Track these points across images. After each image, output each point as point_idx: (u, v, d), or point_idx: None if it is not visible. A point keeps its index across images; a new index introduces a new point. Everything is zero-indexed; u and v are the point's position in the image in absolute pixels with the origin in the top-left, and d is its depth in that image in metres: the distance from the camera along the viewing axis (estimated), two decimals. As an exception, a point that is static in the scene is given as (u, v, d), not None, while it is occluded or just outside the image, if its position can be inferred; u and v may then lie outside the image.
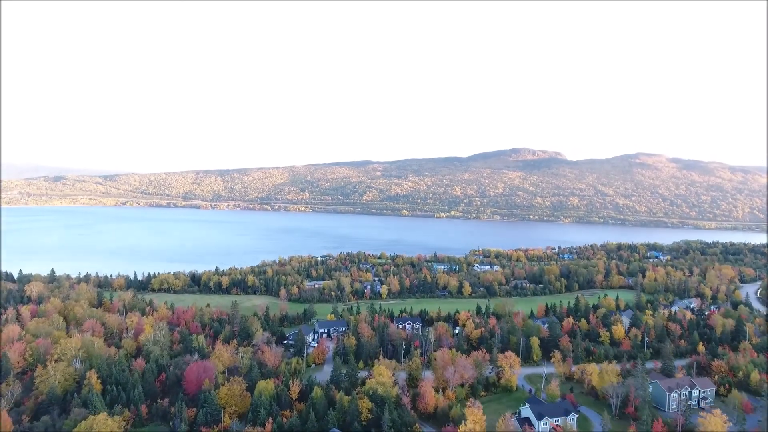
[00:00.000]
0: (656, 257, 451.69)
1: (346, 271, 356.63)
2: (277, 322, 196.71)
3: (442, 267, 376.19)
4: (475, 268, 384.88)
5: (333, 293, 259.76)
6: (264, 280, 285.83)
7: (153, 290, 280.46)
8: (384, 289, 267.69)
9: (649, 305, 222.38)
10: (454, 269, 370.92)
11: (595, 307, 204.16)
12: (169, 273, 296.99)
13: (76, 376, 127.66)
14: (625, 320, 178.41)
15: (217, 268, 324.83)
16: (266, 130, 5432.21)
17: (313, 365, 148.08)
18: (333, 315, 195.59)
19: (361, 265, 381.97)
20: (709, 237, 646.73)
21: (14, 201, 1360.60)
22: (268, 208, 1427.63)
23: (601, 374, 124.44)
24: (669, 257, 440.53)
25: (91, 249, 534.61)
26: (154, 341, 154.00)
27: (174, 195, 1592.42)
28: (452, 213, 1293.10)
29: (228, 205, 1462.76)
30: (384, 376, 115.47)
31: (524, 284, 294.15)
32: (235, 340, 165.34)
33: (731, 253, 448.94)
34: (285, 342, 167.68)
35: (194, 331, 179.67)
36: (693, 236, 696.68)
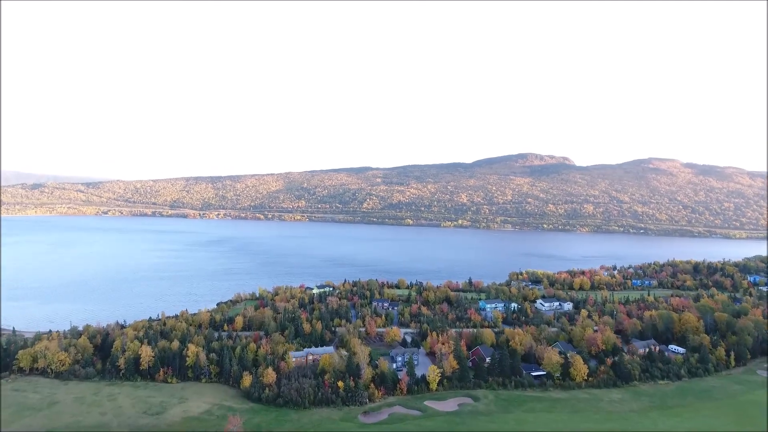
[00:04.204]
0: (754, 283, 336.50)
1: (355, 315, 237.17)
2: None
3: (495, 306, 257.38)
4: (541, 306, 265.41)
5: (340, 385, 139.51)
6: (218, 351, 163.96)
7: (21, 370, 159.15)
8: (433, 373, 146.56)
9: None
10: (512, 309, 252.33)
11: None
12: (51, 335, 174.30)
13: None
14: None
15: (150, 320, 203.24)
16: (261, 134, 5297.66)
17: None
18: None
19: (375, 304, 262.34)
20: (746, 248, 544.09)
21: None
22: (261, 217, 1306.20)
23: None
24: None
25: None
26: None
27: (161, 203, 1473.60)
28: (460, 222, 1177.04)
29: (218, 214, 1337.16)
30: None
31: (663, 351, 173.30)
32: None
33: None
34: None
35: None
36: (726, 247, 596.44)
